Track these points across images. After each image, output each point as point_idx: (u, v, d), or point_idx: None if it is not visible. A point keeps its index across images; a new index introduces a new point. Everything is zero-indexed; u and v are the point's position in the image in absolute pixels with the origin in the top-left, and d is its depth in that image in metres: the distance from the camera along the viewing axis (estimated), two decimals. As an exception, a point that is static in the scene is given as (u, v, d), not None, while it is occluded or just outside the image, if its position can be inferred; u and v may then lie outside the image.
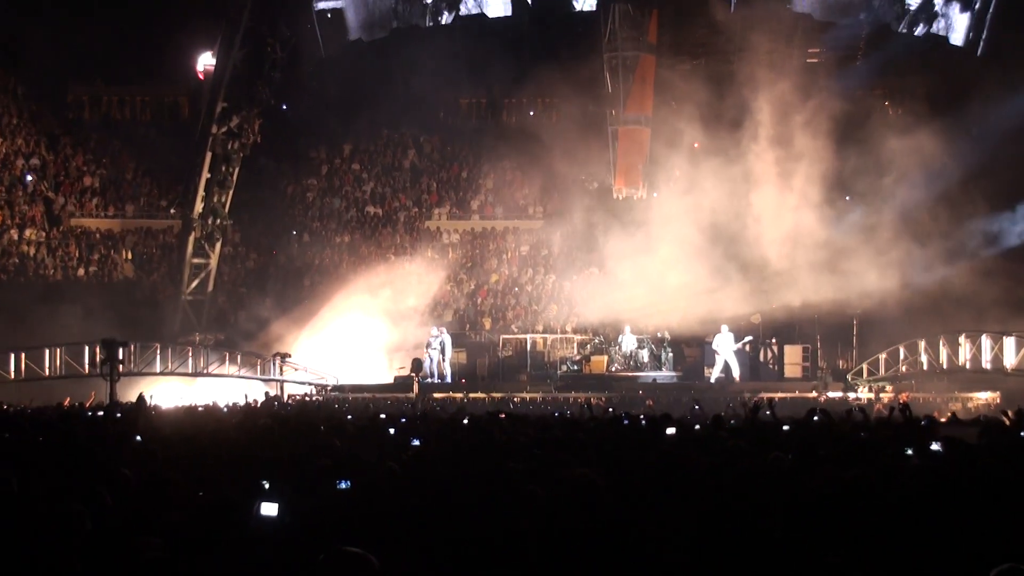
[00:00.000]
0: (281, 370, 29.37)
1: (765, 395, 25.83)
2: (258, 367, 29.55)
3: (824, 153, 30.02)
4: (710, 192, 30.23)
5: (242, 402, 22.37)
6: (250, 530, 5.53)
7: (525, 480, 6.39)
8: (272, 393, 28.20)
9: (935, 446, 8.41)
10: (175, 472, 6.88)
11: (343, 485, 6.65)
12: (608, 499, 5.53)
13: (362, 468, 7.36)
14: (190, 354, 29.26)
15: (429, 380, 29.68)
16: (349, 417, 18.00)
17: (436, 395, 28.03)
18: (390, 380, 30.36)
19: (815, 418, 13.06)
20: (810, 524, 5.59)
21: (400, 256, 36.06)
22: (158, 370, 28.29)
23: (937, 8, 35.88)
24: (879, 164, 30.65)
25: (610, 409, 21.07)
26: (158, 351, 28.46)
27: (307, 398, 28.50)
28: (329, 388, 29.56)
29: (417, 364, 29.43)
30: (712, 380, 28.99)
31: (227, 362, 29.31)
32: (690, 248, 29.80)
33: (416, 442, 10.08)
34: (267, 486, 6.80)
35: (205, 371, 28.98)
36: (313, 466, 7.26)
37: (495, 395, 27.88)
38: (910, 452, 8.61)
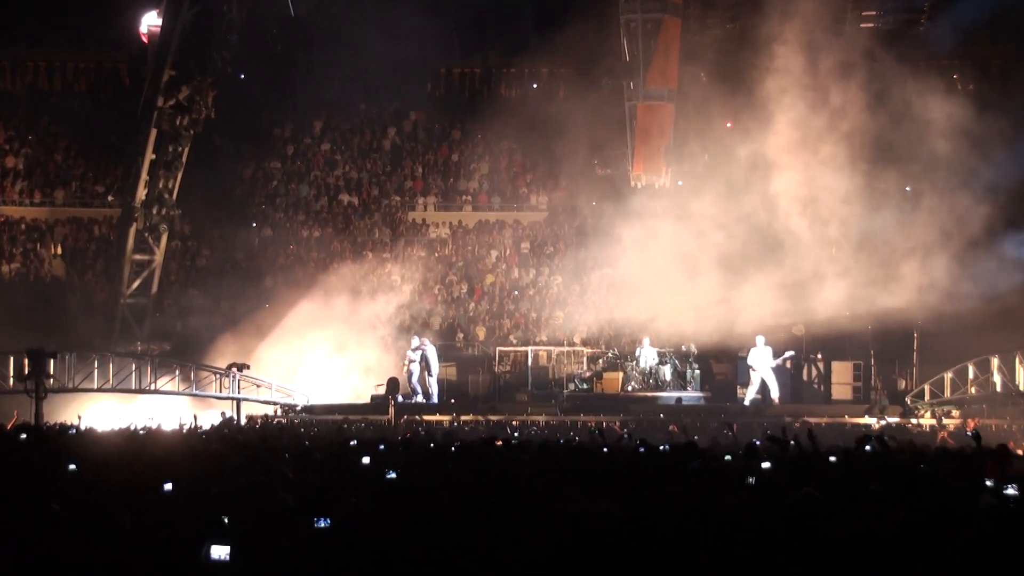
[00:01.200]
0: (239, 386, 29.32)
1: (811, 419, 25.98)
2: (213, 383, 29.48)
3: (881, 138, 30.02)
4: (743, 180, 30.25)
5: (191, 424, 22.42)
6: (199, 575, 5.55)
7: (526, 519, 6.41)
8: (228, 414, 28.18)
9: (1011, 490, 8.36)
10: (113, 506, 6.89)
11: (322, 523, 6.68)
12: (629, 539, 5.54)
13: (332, 504, 7.38)
14: (133, 367, 29.21)
15: (412, 400, 29.70)
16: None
17: (420, 417, 28.05)
18: (366, 400, 30.38)
19: (867, 447, 13.08)
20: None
21: (378, 253, 36.11)
22: (95, 386, 28.27)
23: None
24: (945, 151, 30.59)
25: (625, 435, 21.10)
26: (96, 363, 28.44)
27: (268, 419, 28.51)
28: (298, 408, 29.57)
29: (393, 384, 29.41)
30: (747, 402, 29.03)
31: (177, 377, 29.28)
32: (720, 246, 29.81)
33: (392, 475, 10.08)
34: (226, 521, 6.82)
35: (151, 387, 28.95)
36: (272, 502, 7.29)
37: (490, 418, 27.94)
38: (990, 484, 8.57)
